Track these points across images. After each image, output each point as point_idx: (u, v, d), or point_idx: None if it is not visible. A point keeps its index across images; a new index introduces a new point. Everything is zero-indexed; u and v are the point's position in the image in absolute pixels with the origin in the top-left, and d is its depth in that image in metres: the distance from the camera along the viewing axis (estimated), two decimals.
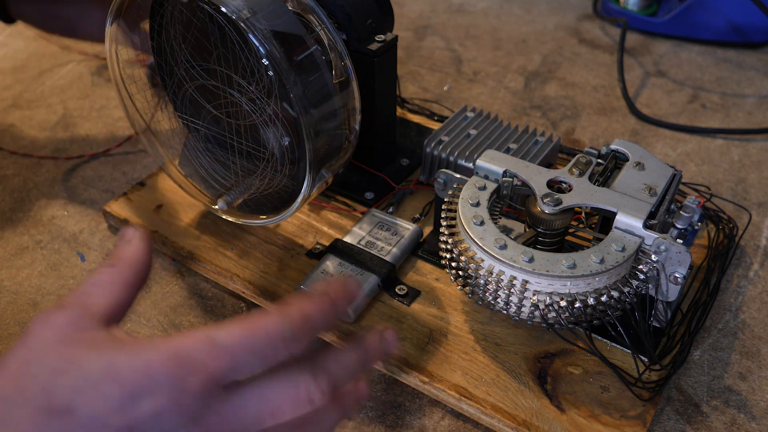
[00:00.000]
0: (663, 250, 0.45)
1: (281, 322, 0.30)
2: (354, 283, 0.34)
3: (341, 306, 0.33)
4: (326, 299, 0.32)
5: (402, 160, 0.66)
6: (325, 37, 0.51)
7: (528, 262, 0.44)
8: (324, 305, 0.32)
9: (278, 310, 0.31)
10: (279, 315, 0.31)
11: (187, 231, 0.60)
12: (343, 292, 0.33)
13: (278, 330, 0.30)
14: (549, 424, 0.45)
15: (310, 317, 0.31)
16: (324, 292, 0.33)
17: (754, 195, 0.66)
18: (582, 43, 0.91)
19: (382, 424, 0.47)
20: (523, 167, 0.50)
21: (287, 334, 0.30)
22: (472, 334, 0.51)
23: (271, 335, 0.30)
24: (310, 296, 0.32)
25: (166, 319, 0.54)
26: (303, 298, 0.32)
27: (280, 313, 0.31)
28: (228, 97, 0.52)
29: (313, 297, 0.32)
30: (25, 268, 0.58)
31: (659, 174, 0.50)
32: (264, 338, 0.30)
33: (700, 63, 0.86)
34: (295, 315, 0.31)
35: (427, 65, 0.86)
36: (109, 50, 0.55)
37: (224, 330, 0.30)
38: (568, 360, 0.49)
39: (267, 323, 0.30)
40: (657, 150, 0.72)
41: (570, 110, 0.78)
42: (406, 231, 0.57)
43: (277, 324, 0.30)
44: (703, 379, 0.50)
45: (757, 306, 0.55)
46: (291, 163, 0.52)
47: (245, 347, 0.30)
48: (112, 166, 0.69)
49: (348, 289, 0.34)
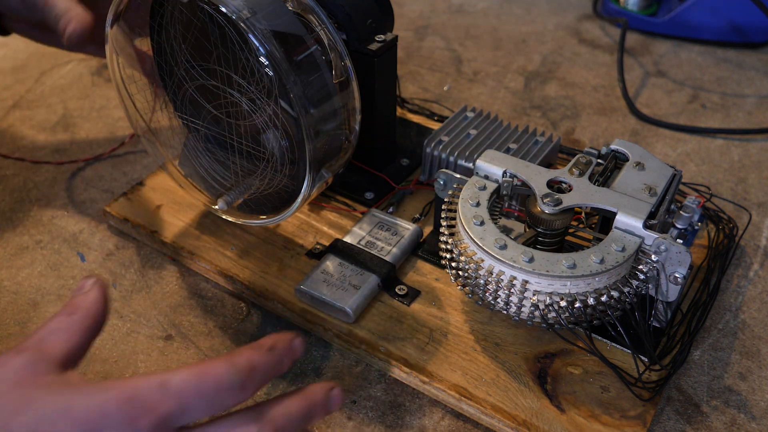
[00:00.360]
0: (663, 250, 0.45)
1: (231, 371, 0.32)
2: (299, 342, 0.36)
3: (286, 361, 0.35)
4: (273, 354, 0.34)
5: (402, 160, 0.66)
6: (325, 37, 0.51)
7: (528, 262, 0.44)
8: (270, 359, 0.34)
9: (228, 358, 0.33)
10: (228, 363, 0.32)
11: (187, 231, 0.60)
12: (289, 349, 0.35)
13: (227, 377, 0.32)
14: (549, 424, 0.45)
15: (256, 368, 0.33)
16: (272, 346, 0.35)
17: (754, 195, 0.66)
18: (582, 43, 0.91)
19: (382, 424, 0.47)
20: (523, 167, 0.50)
21: (235, 382, 0.32)
22: (472, 334, 0.51)
23: (220, 382, 0.32)
24: (258, 348, 0.34)
25: (166, 319, 0.54)
26: (251, 349, 0.34)
27: (230, 362, 0.33)
28: (228, 97, 0.52)
29: (261, 350, 0.34)
30: (25, 268, 0.58)
31: (659, 174, 0.50)
32: (213, 384, 0.32)
33: (700, 63, 0.86)
34: (243, 365, 0.33)
35: (427, 65, 0.86)
36: (109, 50, 0.55)
37: (176, 374, 0.32)
38: (568, 360, 0.49)
39: (217, 370, 0.32)
40: (657, 150, 0.72)
41: (570, 110, 0.78)
42: (406, 231, 0.57)
43: (226, 371, 0.32)
44: (703, 379, 0.50)
45: (757, 306, 0.55)
46: (291, 163, 0.52)
47: (195, 392, 0.31)
48: (112, 166, 0.69)
49: (293, 346, 0.36)
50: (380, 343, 0.50)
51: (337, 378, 0.50)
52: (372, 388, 0.49)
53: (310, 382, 0.50)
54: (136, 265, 0.59)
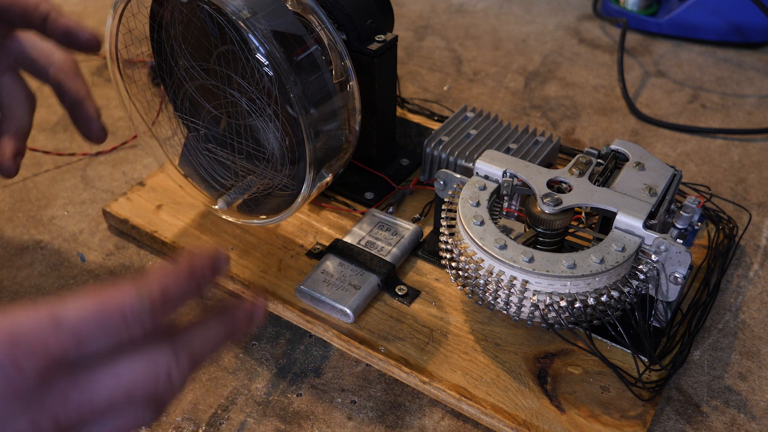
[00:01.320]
0: (663, 250, 0.45)
1: (137, 297, 0.28)
2: (223, 256, 0.32)
3: (206, 278, 0.31)
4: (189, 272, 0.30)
5: (402, 160, 0.66)
6: (325, 37, 0.51)
7: (528, 262, 0.44)
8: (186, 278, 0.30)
9: (135, 282, 0.29)
10: (135, 288, 0.29)
11: (187, 231, 0.60)
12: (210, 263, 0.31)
13: (133, 305, 0.28)
14: (549, 424, 0.45)
15: (170, 291, 0.29)
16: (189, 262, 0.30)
17: (754, 195, 0.66)
18: (582, 43, 0.91)
19: (382, 424, 0.47)
20: (523, 167, 0.50)
21: (143, 309, 0.28)
22: (472, 334, 0.51)
23: (125, 311, 0.28)
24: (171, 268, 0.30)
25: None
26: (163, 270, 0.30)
27: (137, 287, 0.29)
28: (228, 97, 0.52)
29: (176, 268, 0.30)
30: (25, 268, 0.58)
31: (659, 174, 0.50)
32: (117, 314, 0.28)
33: (700, 63, 0.86)
34: (153, 289, 0.29)
35: (427, 65, 0.86)
36: (109, 50, 0.55)
37: (72, 306, 0.28)
38: (568, 360, 0.49)
39: (121, 297, 0.28)
40: (657, 150, 0.72)
41: (570, 110, 0.78)
42: (406, 231, 0.57)
43: (132, 299, 0.28)
44: (703, 379, 0.50)
45: (757, 306, 0.55)
46: (291, 163, 0.52)
47: (94, 325, 0.28)
48: (112, 166, 0.69)
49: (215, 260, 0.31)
50: (380, 343, 0.50)
51: (337, 378, 0.50)
52: (372, 388, 0.49)
53: (310, 381, 0.50)
54: (136, 265, 0.59)
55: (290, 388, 0.49)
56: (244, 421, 0.47)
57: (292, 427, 0.47)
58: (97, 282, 0.57)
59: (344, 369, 0.51)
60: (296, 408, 0.48)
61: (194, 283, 0.30)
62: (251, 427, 0.47)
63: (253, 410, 0.48)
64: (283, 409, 0.48)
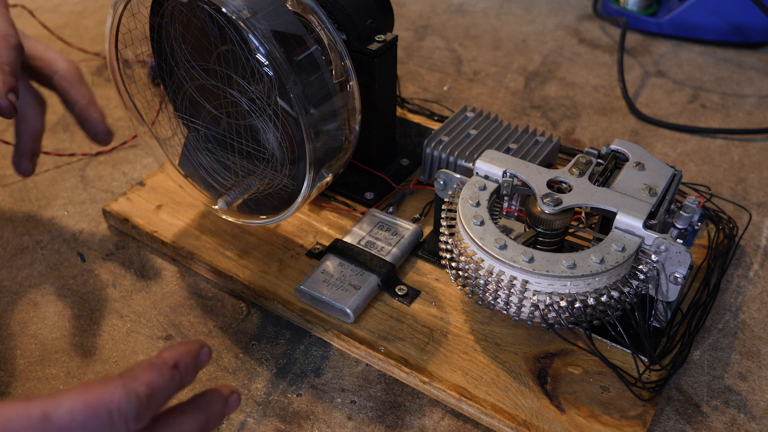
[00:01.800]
0: (663, 250, 0.45)
1: (125, 398, 0.29)
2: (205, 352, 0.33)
3: (189, 373, 0.32)
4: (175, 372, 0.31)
5: (402, 160, 0.66)
6: (325, 37, 0.51)
7: (528, 262, 0.44)
8: (172, 378, 0.31)
9: (123, 382, 0.29)
10: (123, 389, 0.29)
11: (187, 231, 0.60)
12: (193, 358, 0.32)
13: (121, 407, 0.29)
14: (549, 424, 0.45)
15: (156, 392, 0.30)
16: (176, 362, 0.31)
17: (754, 195, 0.66)
18: (582, 43, 0.91)
19: (382, 424, 0.47)
20: (523, 167, 0.50)
21: (130, 411, 0.29)
22: (472, 334, 0.51)
23: (113, 412, 0.29)
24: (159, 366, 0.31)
25: (166, 319, 0.54)
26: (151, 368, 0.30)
27: (125, 387, 0.29)
28: (228, 97, 0.52)
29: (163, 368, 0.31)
30: (25, 268, 0.58)
31: (659, 174, 0.50)
32: (104, 414, 0.29)
33: (700, 63, 0.86)
34: (140, 390, 0.30)
35: (427, 65, 0.86)
36: (109, 50, 0.55)
37: (62, 403, 0.28)
38: (568, 360, 0.49)
39: (110, 397, 0.29)
40: (657, 150, 0.72)
41: (570, 110, 0.78)
42: (406, 231, 0.57)
43: (120, 399, 0.29)
44: (703, 379, 0.50)
45: (757, 306, 0.55)
46: (291, 163, 0.52)
47: (81, 423, 0.28)
48: (112, 166, 0.69)
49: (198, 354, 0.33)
50: (380, 343, 0.50)
51: (337, 378, 0.50)
52: (372, 388, 0.49)
53: (310, 381, 0.50)
54: (136, 265, 0.59)
55: (290, 388, 0.49)
56: (244, 421, 0.47)
57: (292, 427, 0.47)
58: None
59: (344, 369, 0.51)
60: (296, 408, 0.48)
61: (178, 379, 0.31)
62: (251, 427, 0.47)
63: (253, 410, 0.48)
64: (283, 409, 0.48)
